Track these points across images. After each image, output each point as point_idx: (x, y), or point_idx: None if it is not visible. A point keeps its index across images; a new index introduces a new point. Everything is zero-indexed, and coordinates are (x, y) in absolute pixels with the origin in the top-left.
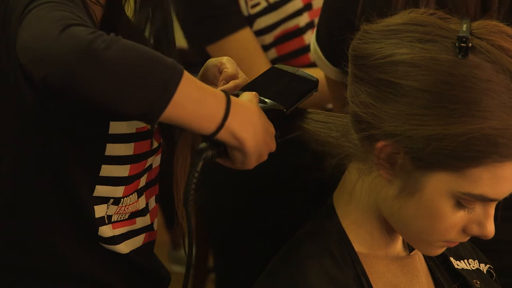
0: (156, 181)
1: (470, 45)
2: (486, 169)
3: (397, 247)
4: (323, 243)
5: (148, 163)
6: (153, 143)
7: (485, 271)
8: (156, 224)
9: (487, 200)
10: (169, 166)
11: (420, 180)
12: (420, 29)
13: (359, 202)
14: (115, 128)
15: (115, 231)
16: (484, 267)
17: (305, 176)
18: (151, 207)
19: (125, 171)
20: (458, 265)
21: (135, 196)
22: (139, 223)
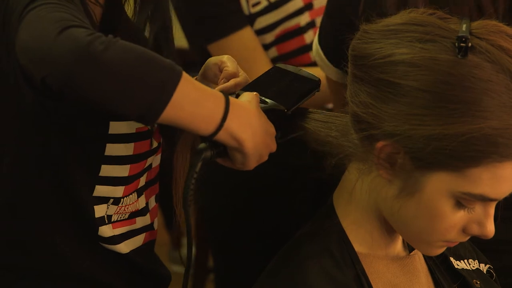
0: (156, 181)
1: (470, 45)
2: (486, 169)
3: (397, 247)
4: (323, 243)
5: (147, 162)
6: (152, 142)
7: (485, 271)
8: (156, 223)
9: (487, 200)
10: (168, 166)
11: (420, 180)
12: (419, 29)
13: (359, 202)
14: (115, 128)
15: (115, 231)
16: (484, 267)
17: (305, 176)
18: (151, 206)
19: (124, 171)
20: (458, 265)
21: (135, 195)
22: (139, 222)
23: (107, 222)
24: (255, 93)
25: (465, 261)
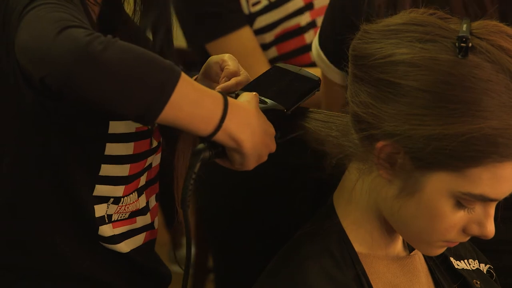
0: (156, 180)
1: (470, 45)
2: (486, 169)
3: (397, 247)
4: (323, 243)
5: (147, 162)
6: (152, 142)
7: (485, 271)
8: (157, 222)
9: (487, 200)
10: (168, 165)
11: (420, 180)
12: (420, 29)
13: (359, 202)
14: (114, 128)
15: (115, 230)
16: (484, 267)
17: (305, 176)
18: (151, 205)
19: (124, 170)
20: (458, 265)
21: (135, 195)
22: (139, 222)
23: (107, 221)
24: (254, 93)
25: (465, 261)
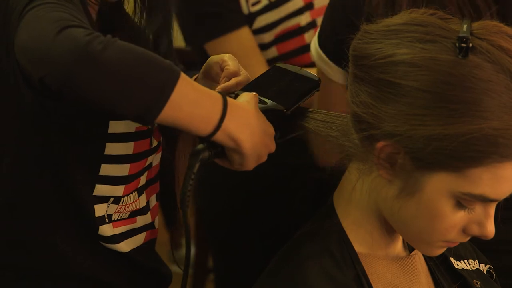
0: (157, 179)
1: (471, 45)
2: (486, 169)
3: (397, 247)
4: (323, 243)
5: (148, 161)
6: (152, 141)
7: (485, 271)
8: (157, 222)
9: (487, 201)
10: (168, 165)
11: (420, 180)
12: (420, 29)
13: (359, 202)
14: (114, 128)
15: (115, 230)
16: (484, 267)
17: (305, 176)
18: (151, 205)
19: (124, 170)
20: (458, 265)
21: (135, 195)
22: (139, 221)
23: (107, 221)
24: (254, 93)
25: (465, 261)
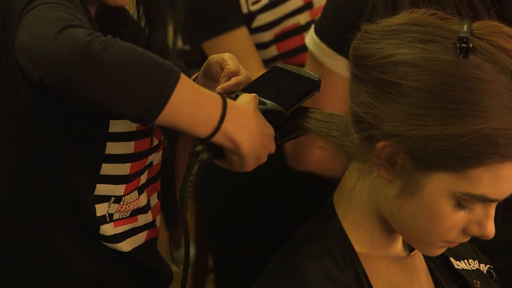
0: (158, 178)
1: (471, 45)
2: (487, 169)
3: (397, 247)
4: (323, 243)
5: (148, 160)
6: (153, 140)
7: (485, 271)
8: (158, 220)
9: (487, 201)
10: (168, 164)
11: (420, 181)
12: (420, 29)
13: (359, 202)
14: (115, 127)
15: (116, 229)
16: (484, 267)
17: (305, 176)
18: (152, 204)
19: (125, 169)
20: (458, 265)
21: (136, 193)
22: (140, 220)
23: (108, 220)
24: (253, 94)
25: (465, 261)
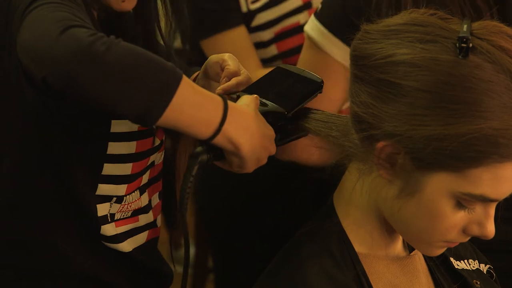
0: (159, 178)
1: (471, 45)
2: (487, 169)
3: (397, 247)
4: (323, 243)
5: (150, 160)
6: (155, 140)
7: (485, 271)
8: (159, 220)
9: (487, 201)
10: (169, 164)
11: (420, 181)
12: (420, 29)
13: (359, 202)
14: (116, 127)
15: (118, 229)
16: (484, 267)
17: (305, 176)
18: (154, 204)
19: (127, 169)
20: (458, 265)
21: (137, 193)
22: (142, 220)
23: (110, 220)
24: (254, 96)
25: (465, 261)
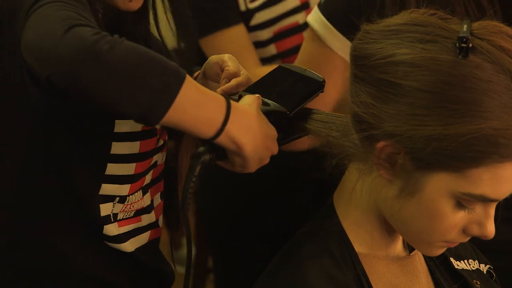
0: (161, 178)
1: (471, 45)
2: (487, 169)
3: (397, 247)
4: (323, 243)
5: (153, 160)
6: (159, 140)
7: (485, 272)
8: (161, 221)
9: (487, 201)
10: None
11: (420, 181)
12: (420, 29)
13: (359, 202)
14: (120, 127)
15: (120, 229)
16: (484, 268)
17: (305, 177)
18: (156, 204)
19: (130, 169)
20: (458, 265)
21: (140, 193)
22: (144, 220)
23: (112, 220)
24: (256, 95)
25: (465, 261)
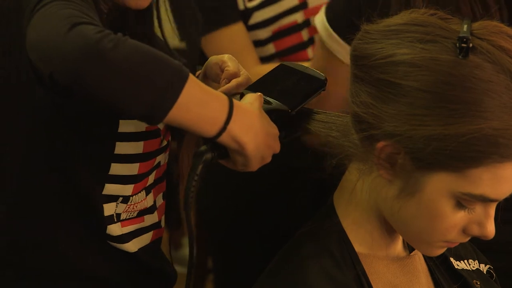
0: (164, 178)
1: (471, 45)
2: (487, 169)
3: (397, 247)
4: (323, 243)
5: (156, 161)
6: (162, 141)
7: (485, 272)
8: (163, 221)
9: (487, 201)
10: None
11: (420, 181)
12: (420, 29)
13: (359, 202)
14: (124, 127)
15: (123, 229)
16: (484, 268)
17: (305, 176)
18: (158, 204)
19: (134, 169)
20: (458, 265)
21: (143, 193)
22: (147, 220)
23: (115, 220)
24: (258, 94)
25: (465, 261)
